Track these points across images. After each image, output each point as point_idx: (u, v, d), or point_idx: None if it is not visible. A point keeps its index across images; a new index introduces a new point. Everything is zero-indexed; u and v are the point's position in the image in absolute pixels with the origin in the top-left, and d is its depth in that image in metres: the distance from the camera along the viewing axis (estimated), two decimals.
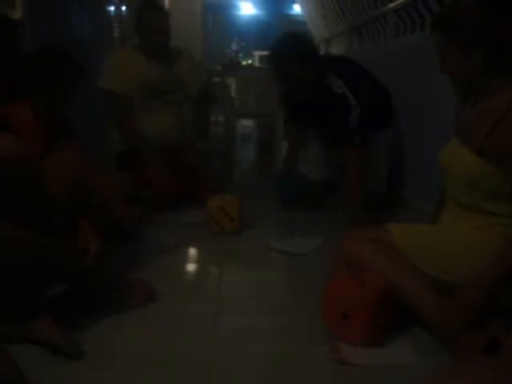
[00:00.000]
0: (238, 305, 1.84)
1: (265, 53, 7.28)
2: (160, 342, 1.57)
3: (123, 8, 5.50)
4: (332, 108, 2.53)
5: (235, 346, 1.56)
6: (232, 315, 1.75)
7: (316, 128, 2.89)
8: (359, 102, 2.49)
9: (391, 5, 3.68)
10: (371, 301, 1.51)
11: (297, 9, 9.55)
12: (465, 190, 1.62)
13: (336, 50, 5.92)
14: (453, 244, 1.63)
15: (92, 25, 3.97)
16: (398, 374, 1.42)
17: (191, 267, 2.28)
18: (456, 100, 1.78)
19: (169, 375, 1.42)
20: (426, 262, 1.61)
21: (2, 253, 1.42)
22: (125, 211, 2.36)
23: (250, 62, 7.65)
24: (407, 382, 1.31)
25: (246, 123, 5.49)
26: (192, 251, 2.42)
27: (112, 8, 5.18)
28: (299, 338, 1.61)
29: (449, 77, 1.64)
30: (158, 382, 1.39)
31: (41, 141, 1.89)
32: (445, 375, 0.98)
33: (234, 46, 7.41)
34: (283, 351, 1.53)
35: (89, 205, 1.95)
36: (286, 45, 2.53)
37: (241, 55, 7.53)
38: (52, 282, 1.68)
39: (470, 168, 1.57)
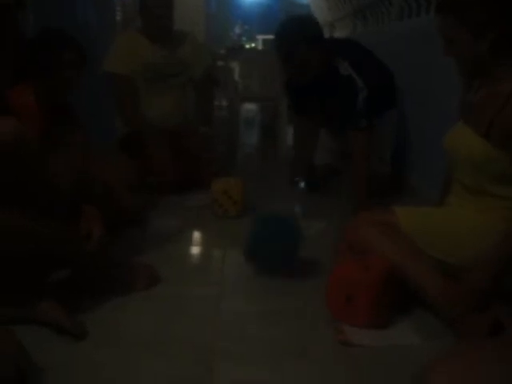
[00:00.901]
0: (241, 288, 1.85)
1: (268, 37, 7.26)
2: (163, 324, 1.58)
3: None
4: (338, 90, 2.51)
5: (237, 328, 1.56)
6: (235, 298, 1.75)
7: (321, 112, 2.86)
8: (366, 83, 2.47)
9: None
10: (375, 283, 1.51)
11: None
12: (470, 173, 1.61)
13: (340, 34, 5.88)
14: (458, 227, 1.62)
15: (95, 9, 3.93)
16: (401, 356, 1.42)
17: (194, 251, 2.28)
18: (461, 83, 1.76)
19: (171, 356, 1.42)
20: (431, 245, 1.60)
21: (3, 241, 1.43)
22: (129, 200, 2.36)
23: (253, 45, 7.62)
24: (410, 364, 1.31)
25: (250, 107, 5.47)
26: (195, 235, 2.42)
27: None
28: (302, 320, 1.61)
29: (454, 59, 1.62)
30: (160, 363, 1.39)
31: (42, 125, 1.88)
32: (449, 355, 0.98)
33: (238, 30, 7.39)
34: (285, 333, 1.54)
35: (92, 193, 1.95)
36: (292, 26, 2.51)
37: (244, 39, 7.50)
38: (56, 268, 1.69)
39: (475, 151, 1.56)
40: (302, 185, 3.01)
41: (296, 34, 2.44)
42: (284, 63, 2.56)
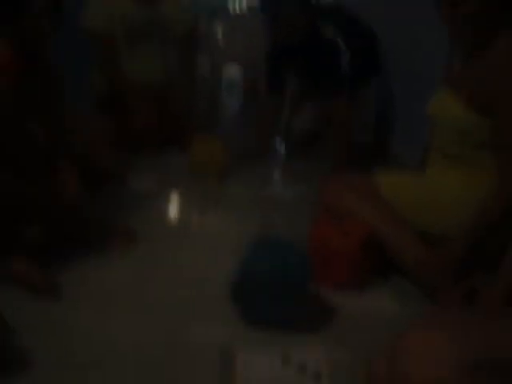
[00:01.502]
0: (222, 246, 1.82)
1: None
2: (139, 282, 1.57)
3: None
4: (321, 54, 2.48)
5: (217, 282, 1.54)
6: (214, 256, 1.74)
7: (302, 77, 2.82)
8: (348, 47, 2.44)
9: None
10: (354, 249, 1.51)
11: None
12: (453, 141, 1.60)
13: None
14: (440, 196, 1.61)
15: None
16: (376, 320, 1.44)
17: (173, 210, 2.26)
18: (448, 49, 1.74)
19: (149, 314, 1.42)
20: (412, 214, 1.60)
21: None
22: (108, 159, 2.32)
23: (237, 7, 7.48)
24: (383, 328, 1.33)
25: (232, 70, 5.39)
26: (175, 195, 2.39)
27: None
28: None
29: (449, 25, 1.57)
30: (137, 321, 1.39)
31: (16, 78, 1.82)
32: (424, 320, 0.98)
33: None
34: None
35: (70, 151, 1.90)
36: None
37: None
38: (29, 225, 1.65)
39: (458, 118, 1.55)
40: (281, 149, 2.98)
41: None
42: (271, 23, 2.52)
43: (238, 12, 5.95)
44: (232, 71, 5.14)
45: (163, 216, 2.13)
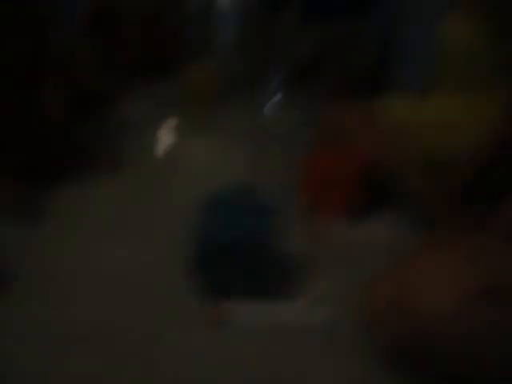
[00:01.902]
0: (212, 172, 1.74)
1: None
2: (126, 208, 1.50)
3: None
4: None
5: None
6: (203, 185, 1.63)
7: None
8: None
9: None
10: (353, 175, 1.42)
11: None
12: (463, 64, 1.50)
13: None
14: (447, 120, 1.49)
15: None
16: (374, 251, 1.36)
17: (162, 139, 2.15)
18: None
19: (136, 241, 1.35)
20: (417, 137, 1.49)
21: None
22: (97, 82, 2.21)
23: None
24: (382, 257, 1.26)
25: None
26: (164, 124, 2.28)
27: None
28: None
29: None
30: (123, 248, 1.32)
31: None
32: (435, 246, 0.91)
33: None
34: None
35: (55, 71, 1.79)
36: None
37: None
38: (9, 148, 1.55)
39: (470, 38, 1.45)
40: (280, 75, 2.85)
41: None
42: None
43: None
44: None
45: (151, 144, 2.03)
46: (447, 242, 0.92)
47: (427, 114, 1.56)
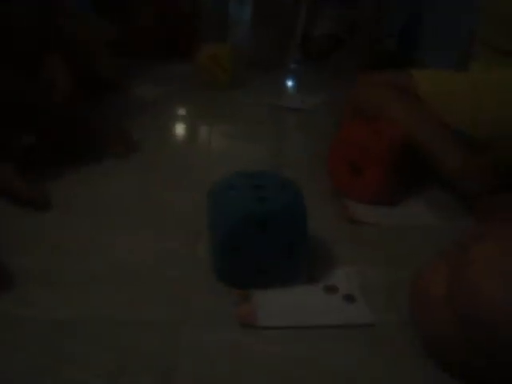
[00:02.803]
0: (229, 157, 1.62)
1: None
2: (140, 193, 1.38)
3: None
4: None
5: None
6: (220, 168, 1.52)
7: None
8: None
9: None
10: (387, 151, 1.29)
11: None
12: (505, 32, 1.37)
13: None
14: (487, 95, 1.35)
15: None
16: (417, 236, 1.23)
17: (177, 122, 2.05)
18: None
19: (151, 228, 1.23)
20: (454, 114, 1.36)
21: None
22: (109, 64, 2.10)
23: None
24: (430, 245, 1.13)
25: None
26: (179, 104, 2.17)
27: None
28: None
29: None
30: (138, 235, 1.20)
31: None
32: (498, 233, 0.78)
33: None
34: None
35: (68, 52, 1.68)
36: None
37: None
38: (17, 129, 1.45)
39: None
40: (298, 58, 2.73)
41: None
42: None
43: None
44: None
45: (166, 127, 1.92)
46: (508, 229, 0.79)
47: (465, 87, 1.42)
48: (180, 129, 1.96)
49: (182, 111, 2.14)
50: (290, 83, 2.47)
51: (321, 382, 0.83)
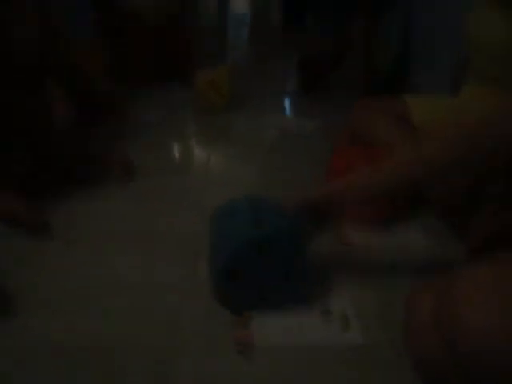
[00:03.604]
0: (225, 180, 1.66)
1: None
2: (139, 217, 1.41)
3: None
4: None
5: None
6: (218, 191, 1.56)
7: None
8: None
9: None
10: None
11: None
12: (494, 61, 1.40)
13: None
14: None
15: None
16: (407, 256, 1.28)
17: (176, 144, 2.08)
18: None
19: (150, 251, 1.26)
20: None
21: None
22: (108, 91, 2.14)
23: None
24: (414, 267, 1.17)
25: (240, 2, 5.11)
26: (178, 129, 2.21)
27: None
28: None
29: None
30: (137, 258, 1.23)
31: None
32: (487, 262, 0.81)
33: None
34: None
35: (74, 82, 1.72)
36: None
37: None
38: (16, 152, 1.48)
39: (500, 34, 1.35)
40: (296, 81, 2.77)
41: None
42: None
43: None
44: (240, 3, 4.89)
45: (164, 150, 1.95)
46: (501, 257, 0.81)
47: (456, 113, 1.46)
48: (179, 152, 1.99)
49: (180, 135, 2.17)
50: (286, 108, 2.51)
51: None
